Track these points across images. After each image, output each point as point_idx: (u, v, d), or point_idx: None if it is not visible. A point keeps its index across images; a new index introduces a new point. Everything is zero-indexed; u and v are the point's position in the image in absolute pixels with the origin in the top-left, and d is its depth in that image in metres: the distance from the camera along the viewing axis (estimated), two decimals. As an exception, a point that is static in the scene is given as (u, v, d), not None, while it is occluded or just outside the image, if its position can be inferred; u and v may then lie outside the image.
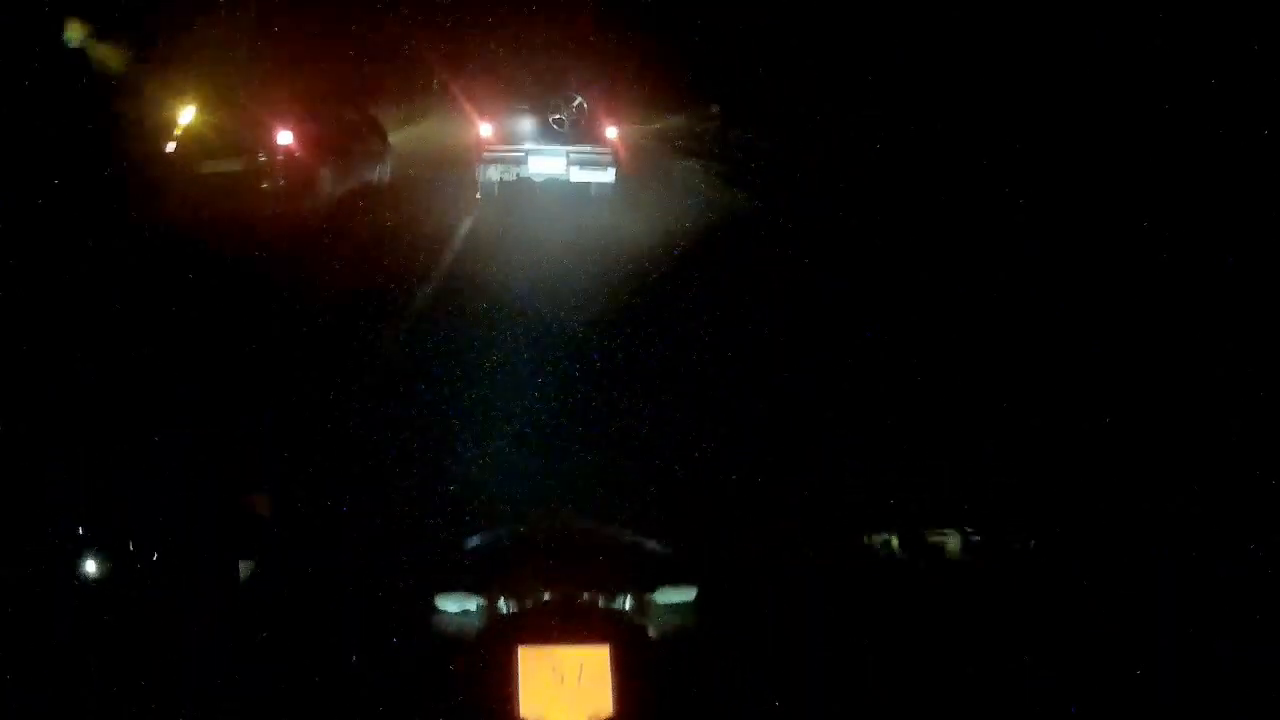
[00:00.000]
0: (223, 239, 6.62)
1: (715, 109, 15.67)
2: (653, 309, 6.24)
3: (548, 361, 5.15)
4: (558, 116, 9.59)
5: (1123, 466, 3.76)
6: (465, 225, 8.78)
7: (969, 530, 1.88)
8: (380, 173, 10.32)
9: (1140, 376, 4.85)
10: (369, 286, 6.43)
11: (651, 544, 1.61)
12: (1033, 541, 2.03)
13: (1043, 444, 3.98)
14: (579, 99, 9.63)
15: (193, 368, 4.57)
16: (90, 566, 1.49)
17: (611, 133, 9.69)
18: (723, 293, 6.80)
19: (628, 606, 1.48)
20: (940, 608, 1.54)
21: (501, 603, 1.47)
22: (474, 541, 1.62)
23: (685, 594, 1.51)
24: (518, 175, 9.69)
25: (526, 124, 9.61)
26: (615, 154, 9.70)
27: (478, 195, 9.75)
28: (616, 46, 10.72)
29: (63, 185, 6.25)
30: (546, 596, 1.45)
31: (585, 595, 1.45)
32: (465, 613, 1.48)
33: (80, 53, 7.83)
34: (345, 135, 9.65)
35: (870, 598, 1.57)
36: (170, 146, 8.27)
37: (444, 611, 1.49)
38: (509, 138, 9.62)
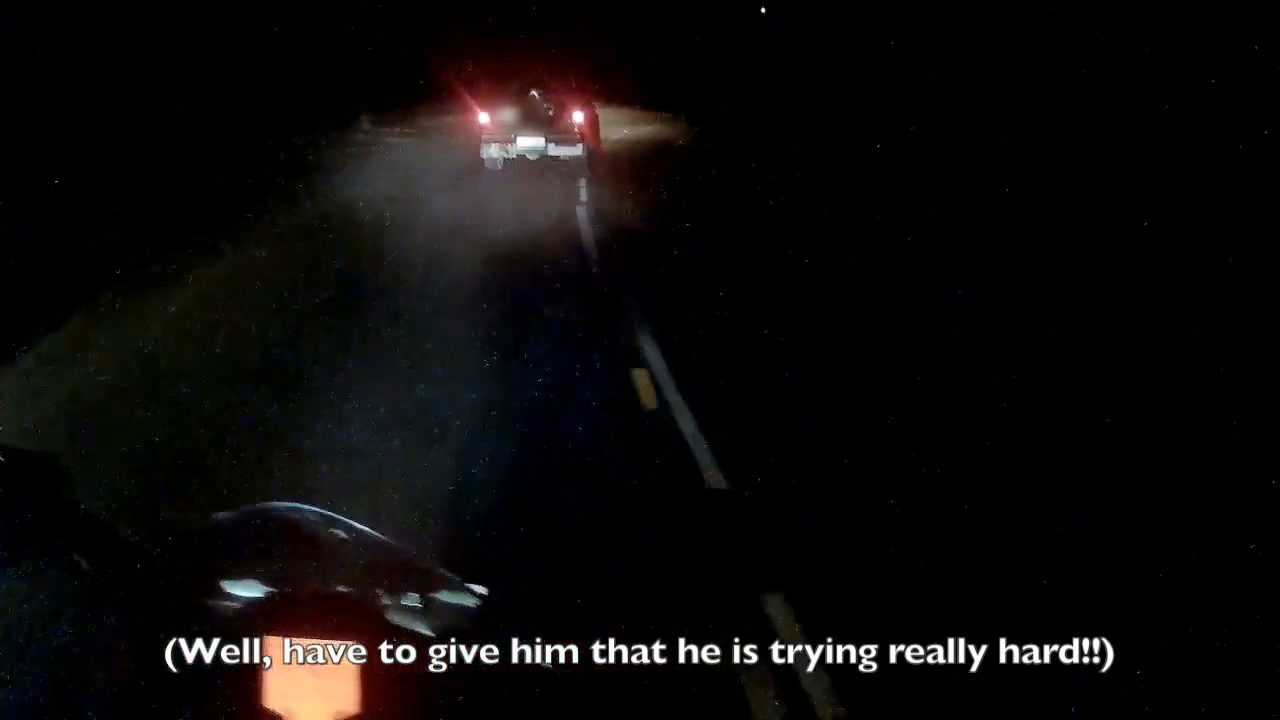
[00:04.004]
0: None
1: None
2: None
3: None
4: (535, 109, 13.32)
5: (1121, 466, 3.86)
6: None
7: None
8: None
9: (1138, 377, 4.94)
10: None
11: (431, 562, 1.47)
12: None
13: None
14: (552, 95, 13.42)
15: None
16: None
17: (577, 118, 13.51)
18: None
19: (395, 603, 1.37)
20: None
21: (258, 588, 1.34)
22: (223, 517, 1.48)
23: (465, 598, 1.41)
24: (511, 152, 13.48)
25: (514, 114, 13.41)
26: (581, 135, 13.51)
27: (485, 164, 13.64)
28: (580, 51, 14.54)
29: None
30: (306, 587, 1.35)
31: (345, 589, 1.35)
32: (232, 596, 1.34)
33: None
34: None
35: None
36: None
37: (230, 594, 1.34)
38: (502, 125, 13.40)
